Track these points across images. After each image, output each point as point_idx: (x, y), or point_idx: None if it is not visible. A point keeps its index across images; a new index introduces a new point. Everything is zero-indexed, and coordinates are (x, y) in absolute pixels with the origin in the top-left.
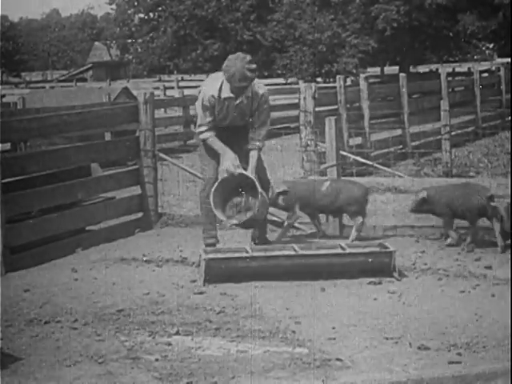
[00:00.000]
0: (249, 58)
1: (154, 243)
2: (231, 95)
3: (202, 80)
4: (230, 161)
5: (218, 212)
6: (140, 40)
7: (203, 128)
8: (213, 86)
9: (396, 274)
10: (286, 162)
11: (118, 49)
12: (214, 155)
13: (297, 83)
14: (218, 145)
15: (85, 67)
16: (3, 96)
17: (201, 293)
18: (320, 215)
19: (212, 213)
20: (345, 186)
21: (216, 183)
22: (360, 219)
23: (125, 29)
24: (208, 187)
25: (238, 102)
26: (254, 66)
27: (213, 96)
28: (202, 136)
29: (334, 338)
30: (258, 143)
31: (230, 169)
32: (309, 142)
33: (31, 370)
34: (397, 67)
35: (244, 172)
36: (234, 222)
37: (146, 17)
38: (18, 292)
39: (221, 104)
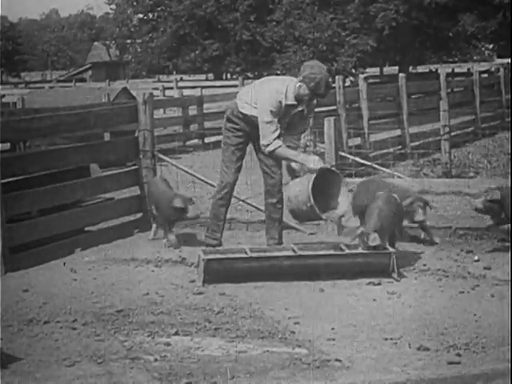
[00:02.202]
0: (325, 66)
1: (153, 243)
2: (295, 103)
3: (201, 80)
4: (316, 158)
5: (317, 208)
6: (139, 40)
7: (275, 135)
8: (277, 91)
9: (395, 275)
10: (284, 162)
11: (118, 49)
12: (237, 160)
13: None
14: (291, 153)
15: (84, 67)
16: (3, 96)
17: (200, 293)
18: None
19: (222, 215)
20: None
21: (311, 181)
22: None
23: (124, 29)
24: (225, 191)
25: (298, 109)
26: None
27: (280, 102)
28: (274, 145)
29: (334, 339)
30: (294, 143)
31: (321, 165)
32: (308, 143)
33: (31, 370)
34: (396, 67)
35: (333, 169)
36: (333, 216)
37: (145, 17)
38: (17, 292)
39: (282, 111)
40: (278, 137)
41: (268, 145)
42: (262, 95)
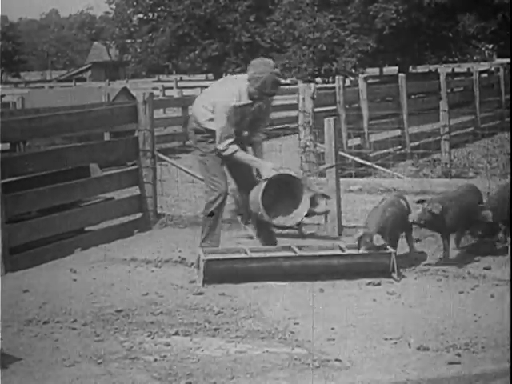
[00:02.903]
0: (273, 62)
1: (153, 244)
2: (249, 101)
3: (200, 80)
4: (270, 166)
5: (266, 215)
6: (139, 40)
7: (230, 140)
8: (230, 94)
9: (395, 275)
10: (284, 162)
11: (117, 49)
12: (221, 165)
13: (295, 83)
14: (248, 157)
15: (84, 67)
16: (2, 96)
17: (200, 293)
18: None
19: (218, 225)
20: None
21: (263, 186)
22: None
23: (124, 29)
24: (219, 201)
25: (254, 108)
26: (278, 70)
27: (234, 106)
28: (230, 150)
29: (333, 339)
30: (260, 137)
31: (274, 172)
32: (308, 143)
33: (30, 370)
34: (396, 67)
35: (290, 173)
36: (289, 223)
37: (145, 17)
38: (17, 292)
39: (239, 112)
40: (234, 141)
41: (224, 150)
42: (217, 101)
